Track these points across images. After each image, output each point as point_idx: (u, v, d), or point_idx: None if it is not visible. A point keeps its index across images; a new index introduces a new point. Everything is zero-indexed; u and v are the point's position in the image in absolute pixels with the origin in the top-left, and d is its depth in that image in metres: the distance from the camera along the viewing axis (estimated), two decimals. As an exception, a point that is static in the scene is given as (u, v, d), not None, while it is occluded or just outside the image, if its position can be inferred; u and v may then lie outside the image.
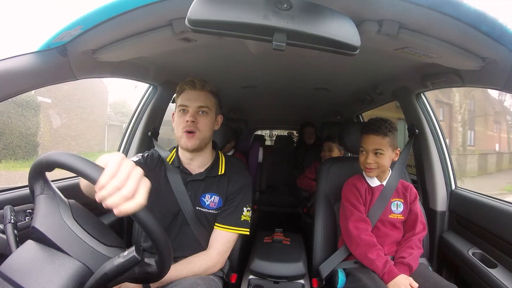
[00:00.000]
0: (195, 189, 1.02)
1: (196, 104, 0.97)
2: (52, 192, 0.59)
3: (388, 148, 1.11)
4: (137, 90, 1.69)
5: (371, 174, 1.14)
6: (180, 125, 0.96)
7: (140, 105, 1.53)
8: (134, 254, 0.52)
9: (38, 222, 0.55)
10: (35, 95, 5.34)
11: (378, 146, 1.10)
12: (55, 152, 0.53)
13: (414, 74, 1.27)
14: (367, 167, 1.13)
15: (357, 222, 1.08)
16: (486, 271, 1.00)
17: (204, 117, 0.98)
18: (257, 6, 0.57)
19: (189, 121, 0.95)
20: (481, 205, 1.15)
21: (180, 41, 0.91)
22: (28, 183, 0.60)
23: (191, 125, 0.95)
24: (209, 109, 0.99)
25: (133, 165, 0.49)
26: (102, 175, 0.46)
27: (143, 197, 0.47)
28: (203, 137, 0.97)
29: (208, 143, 1.04)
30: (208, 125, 0.99)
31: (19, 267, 0.50)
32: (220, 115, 1.07)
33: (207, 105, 0.98)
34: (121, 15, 0.70)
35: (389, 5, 0.66)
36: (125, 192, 0.45)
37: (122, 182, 0.46)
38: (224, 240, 0.99)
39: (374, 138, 1.10)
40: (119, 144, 1.53)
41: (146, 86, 1.53)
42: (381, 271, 0.99)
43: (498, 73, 0.84)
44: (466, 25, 0.66)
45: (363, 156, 1.14)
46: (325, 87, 1.84)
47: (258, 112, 3.02)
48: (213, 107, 1.01)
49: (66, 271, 0.51)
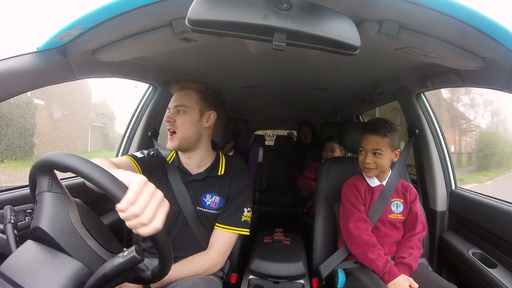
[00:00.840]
0: (195, 189, 1.02)
1: (173, 104, 0.99)
2: (61, 191, 0.58)
3: (387, 149, 1.11)
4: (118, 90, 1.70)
5: (370, 174, 1.14)
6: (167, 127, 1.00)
7: (140, 105, 1.53)
8: (134, 254, 0.52)
9: (44, 222, 0.53)
10: (31, 97, 5.39)
11: (377, 146, 1.10)
12: (76, 157, 0.52)
13: (414, 74, 1.27)
14: (365, 167, 1.13)
15: (358, 222, 1.08)
16: (486, 271, 1.00)
17: (181, 116, 0.98)
18: (257, 6, 0.57)
19: (166, 121, 0.98)
20: (481, 205, 1.15)
21: (180, 41, 0.90)
22: (31, 177, 0.58)
23: (169, 124, 0.98)
24: (187, 107, 0.98)
25: (154, 190, 0.52)
26: (123, 199, 0.49)
27: (159, 222, 0.50)
28: (182, 136, 0.97)
29: (198, 142, 1.02)
30: (186, 124, 0.97)
31: (19, 267, 0.50)
32: (213, 112, 1.02)
33: (184, 103, 0.98)
34: (121, 15, 0.70)
35: (389, 5, 0.66)
36: (143, 220, 0.49)
37: (141, 210, 0.49)
38: (225, 240, 0.99)
39: (373, 138, 1.11)
40: (119, 144, 1.53)
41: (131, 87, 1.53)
42: (381, 271, 0.99)
43: (498, 73, 0.84)
44: (466, 25, 0.66)
45: (362, 156, 1.14)
46: (325, 87, 1.84)
47: (258, 112, 3.02)
48: (194, 104, 0.99)
49: (66, 271, 0.51)
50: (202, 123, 1.01)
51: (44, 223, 0.53)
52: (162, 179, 1.03)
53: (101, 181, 0.50)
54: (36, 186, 0.58)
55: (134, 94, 1.65)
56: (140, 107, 1.52)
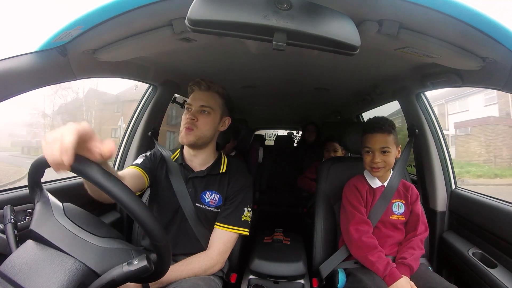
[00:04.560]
0: (195, 186, 1.03)
1: (199, 103, 1.00)
2: (46, 197, 0.61)
3: (393, 146, 1.11)
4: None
5: (378, 173, 1.13)
6: (183, 122, 1.00)
7: (140, 105, 1.53)
8: (146, 264, 0.52)
9: (33, 224, 0.56)
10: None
11: (385, 144, 1.09)
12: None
13: (414, 74, 1.27)
14: (374, 167, 1.11)
15: (358, 225, 1.08)
16: (486, 271, 1.00)
17: (205, 116, 1.00)
18: (257, 6, 0.57)
19: (189, 118, 0.98)
20: (481, 205, 1.15)
21: (180, 41, 0.91)
22: (30, 177, 0.61)
23: (190, 122, 0.98)
24: (212, 109, 1.01)
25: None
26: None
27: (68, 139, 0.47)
28: (200, 135, 0.99)
29: (210, 142, 1.05)
30: (208, 124, 1.00)
31: (19, 267, 0.50)
32: (228, 117, 1.08)
33: (210, 105, 1.00)
34: (121, 15, 0.70)
35: (389, 5, 0.66)
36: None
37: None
38: (225, 239, 0.99)
39: (380, 137, 1.10)
40: (119, 144, 1.53)
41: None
42: (382, 274, 0.98)
43: (498, 73, 0.84)
44: (466, 25, 0.66)
45: (369, 156, 1.12)
46: (325, 87, 1.84)
47: (258, 112, 3.02)
48: (218, 108, 1.03)
49: (66, 271, 0.51)
50: (218, 126, 1.05)
51: (33, 224, 0.56)
52: (162, 176, 1.05)
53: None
54: (35, 186, 0.60)
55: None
56: (140, 107, 1.52)
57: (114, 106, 10.94)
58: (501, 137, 4.29)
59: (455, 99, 9.99)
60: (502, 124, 7.66)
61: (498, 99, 7.82)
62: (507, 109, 7.78)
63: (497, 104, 7.92)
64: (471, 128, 8.93)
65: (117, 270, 0.52)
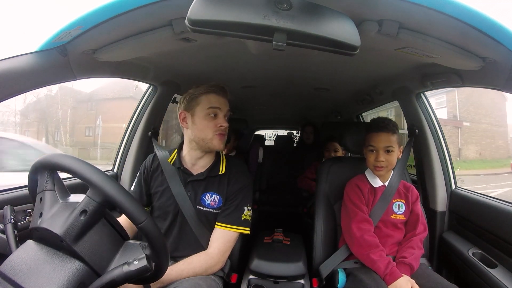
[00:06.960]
0: (195, 189, 1.03)
1: (226, 109, 1.04)
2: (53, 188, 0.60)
3: (396, 145, 1.12)
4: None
5: (381, 172, 1.14)
6: (211, 128, 1.00)
7: (140, 105, 1.53)
8: (146, 264, 0.52)
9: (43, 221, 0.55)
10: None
11: (389, 143, 1.10)
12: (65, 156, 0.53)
13: (414, 74, 1.27)
14: (377, 166, 1.12)
15: (360, 223, 1.08)
16: (486, 271, 1.00)
17: (227, 123, 1.05)
18: (257, 6, 0.57)
19: (223, 126, 1.01)
20: (481, 205, 1.15)
21: (180, 41, 0.90)
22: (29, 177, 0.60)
23: (222, 128, 1.01)
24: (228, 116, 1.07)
25: None
26: None
27: None
28: (225, 140, 1.04)
29: None
30: (227, 129, 1.06)
31: (19, 267, 0.50)
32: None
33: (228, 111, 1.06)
34: (121, 15, 0.70)
35: (389, 5, 0.66)
36: None
37: None
38: (225, 239, 0.99)
39: (385, 136, 1.11)
40: (119, 143, 1.53)
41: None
42: (383, 273, 0.98)
43: (498, 73, 0.84)
44: (466, 25, 0.66)
45: (373, 155, 1.13)
46: (325, 87, 1.84)
47: (258, 112, 3.02)
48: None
49: (66, 271, 0.51)
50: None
51: (45, 223, 0.54)
52: (160, 181, 1.05)
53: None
54: (34, 186, 0.60)
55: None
56: (140, 107, 1.52)
57: (88, 104, 10.85)
58: (447, 136, 4.72)
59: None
60: (449, 125, 8.67)
61: (447, 103, 8.80)
62: (454, 112, 8.88)
63: (445, 108, 8.85)
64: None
65: (117, 270, 0.52)
